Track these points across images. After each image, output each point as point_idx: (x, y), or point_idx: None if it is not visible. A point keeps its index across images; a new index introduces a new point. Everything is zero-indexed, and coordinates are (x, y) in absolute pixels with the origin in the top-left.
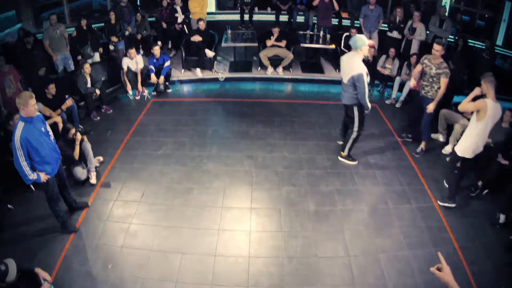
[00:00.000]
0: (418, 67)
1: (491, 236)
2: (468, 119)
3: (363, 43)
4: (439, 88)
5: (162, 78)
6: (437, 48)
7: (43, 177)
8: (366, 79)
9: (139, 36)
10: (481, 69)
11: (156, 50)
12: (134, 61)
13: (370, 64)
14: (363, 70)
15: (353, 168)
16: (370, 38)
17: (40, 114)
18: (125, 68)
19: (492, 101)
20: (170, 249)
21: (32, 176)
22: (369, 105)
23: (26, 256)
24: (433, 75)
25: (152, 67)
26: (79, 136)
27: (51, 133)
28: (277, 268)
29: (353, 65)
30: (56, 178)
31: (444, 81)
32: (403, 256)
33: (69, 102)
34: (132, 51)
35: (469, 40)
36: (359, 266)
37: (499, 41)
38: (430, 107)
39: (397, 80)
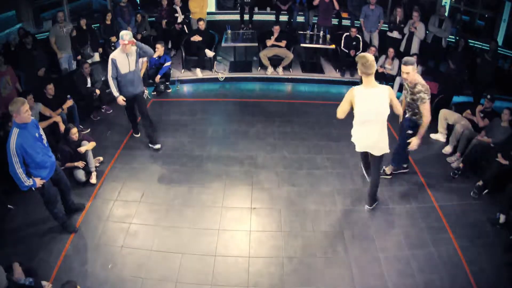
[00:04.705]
0: (402, 97)
1: (491, 236)
2: (469, 120)
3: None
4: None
5: (158, 77)
6: (406, 71)
7: (39, 182)
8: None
9: (139, 36)
10: (483, 70)
11: (160, 49)
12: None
13: None
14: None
15: (353, 168)
16: (370, 38)
17: (34, 119)
18: None
19: (363, 87)
20: (170, 249)
21: (28, 182)
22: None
23: (26, 256)
24: (410, 102)
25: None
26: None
27: (44, 136)
28: (277, 268)
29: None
30: (50, 181)
31: (423, 108)
32: (403, 256)
33: (69, 102)
34: None
35: (469, 40)
36: (359, 266)
37: (499, 41)
38: (414, 144)
39: (397, 80)
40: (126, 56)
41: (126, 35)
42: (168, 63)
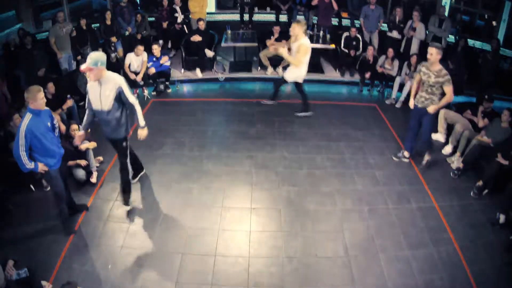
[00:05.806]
0: (417, 78)
1: (491, 236)
2: (469, 119)
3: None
4: (439, 99)
5: (153, 69)
6: (431, 52)
7: (41, 167)
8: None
9: (139, 36)
10: (484, 70)
11: (156, 49)
12: (139, 58)
13: (371, 64)
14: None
15: (353, 168)
16: (370, 38)
17: (48, 109)
18: (127, 63)
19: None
20: (170, 249)
21: (29, 165)
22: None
23: (26, 256)
24: (432, 84)
25: (149, 64)
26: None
27: (56, 126)
28: (277, 268)
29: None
30: (59, 172)
31: (449, 89)
32: (403, 256)
33: (69, 102)
34: (141, 47)
35: (469, 40)
36: (359, 266)
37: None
38: (432, 108)
39: (397, 80)
40: (98, 87)
41: (89, 58)
42: (167, 60)
